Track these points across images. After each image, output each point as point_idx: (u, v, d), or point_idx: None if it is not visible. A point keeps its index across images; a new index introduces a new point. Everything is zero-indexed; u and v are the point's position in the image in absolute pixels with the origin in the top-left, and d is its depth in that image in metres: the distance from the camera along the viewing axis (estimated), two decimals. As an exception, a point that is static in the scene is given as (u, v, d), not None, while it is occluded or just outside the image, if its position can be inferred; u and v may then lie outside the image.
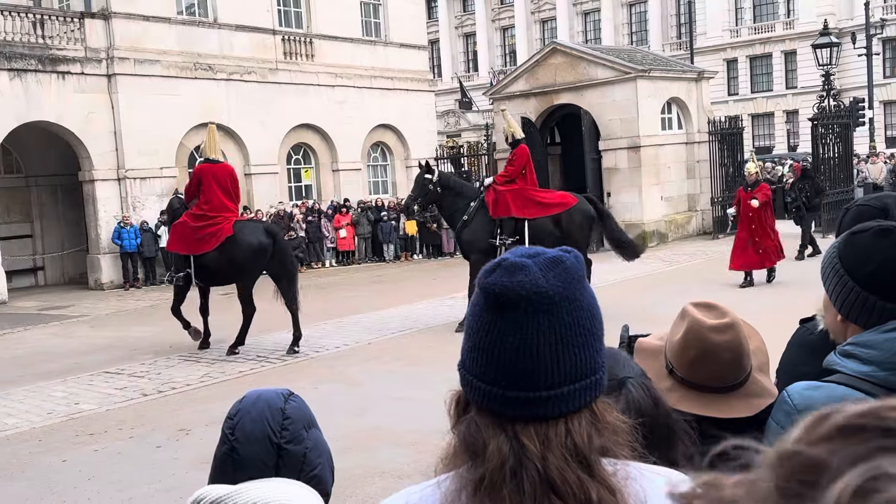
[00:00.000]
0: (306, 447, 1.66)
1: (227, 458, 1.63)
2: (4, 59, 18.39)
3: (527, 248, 1.11)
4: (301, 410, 1.71)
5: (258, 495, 1.52)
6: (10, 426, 8.20)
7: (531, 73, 22.95)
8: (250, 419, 1.65)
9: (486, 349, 1.06)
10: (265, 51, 23.23)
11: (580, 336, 1.07)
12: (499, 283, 1.05)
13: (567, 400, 1.06)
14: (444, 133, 36.67)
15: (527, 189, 11.58)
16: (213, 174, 10.47)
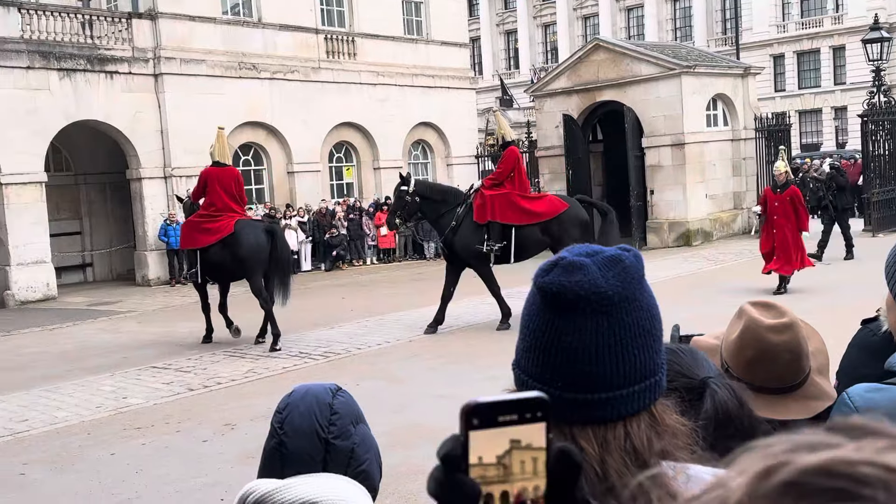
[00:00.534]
0: (354, 442, 1.66)
1: (276, 452, 1.64)
2: (54, 59, 18.81)
3: (585, 247, 1.08)
4: (349, 406, 1.71)
5: (306, 490, 1.52)
6: (60, 419, 8.38)
7: (573, 70, 22.79)
8: (298, 414, 1.65)
9: (542, 349, 1.04)
10: (308, 50, 23.42)
11: (640, 337, 1.05)
12: (556, 283, 1.03)
13: (626, 402, 1.04)
14: (484, 131, 36.61)
15: (513, 194, 11.26)
16: (217, 177, 10.97)
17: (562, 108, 22.82)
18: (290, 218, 21.60)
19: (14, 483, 6.58)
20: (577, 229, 11.27)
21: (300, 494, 1.51)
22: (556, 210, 11.22)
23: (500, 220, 11.16)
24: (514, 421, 0.69)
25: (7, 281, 18.07)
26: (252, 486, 1.55)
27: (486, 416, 0.69)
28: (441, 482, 0.68)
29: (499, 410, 0.69)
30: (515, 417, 0.69)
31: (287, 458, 1.62)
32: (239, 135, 22.10)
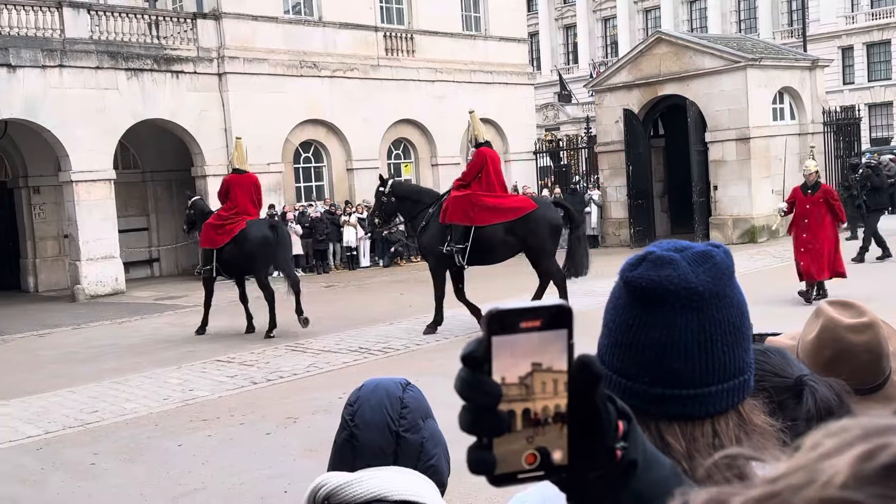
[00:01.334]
0: (423, 437, 1.66)
1: (347, 445, 1.65)
2: (122, 59, 19.33)
3: (673, 242, 1.07)
4: (418, 401, 1.71)
5: (377, 484, 1.53)
6: (129, 411, 8.61)
7: (634, 64, 22.47)
8: (369, 407, 1.66)
9: (628, 345, 1.02)
10: (367, 48, 23.60)
11: (730, 335, 1.03)
12: (645, 277, 1.01)
13: (714, 400, 1.02)
14: (542, 126, 36.39)
15: (477, 194, 11.02)
16: (238, 183, 12.07)
17: (622, 102, 22.53)
18: (349, 215, 21.81)
19: (86, 472, 6.80)
20: (545, 231, 10.96)
21: (371, 488, 1.52)
22: (526, 209, 10.95)
23: (460, 222, 11.01)
24: (537, 328, 0.70)
25: (77, 275, 18.66)
26: (323, 478, 1.56)
27: (509, 322, 0.69)
28: (465, 380, 0.69)
29: (521, 316, 0.70)
30: (538, 324, 0.70)
31: (358, 451, 1.63)
32: (299, 133, 22.41)
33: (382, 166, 24.21)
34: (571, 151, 28.13)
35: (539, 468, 0.71)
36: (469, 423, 0.70)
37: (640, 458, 0.76)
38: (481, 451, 0.70)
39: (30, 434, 7.94)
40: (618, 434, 0.74)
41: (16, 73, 17.73)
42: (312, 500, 1.55)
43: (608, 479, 0.74)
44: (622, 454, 0.74)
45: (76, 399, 9.23)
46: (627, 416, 0.76)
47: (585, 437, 0.72)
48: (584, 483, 0.74)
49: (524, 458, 0.70)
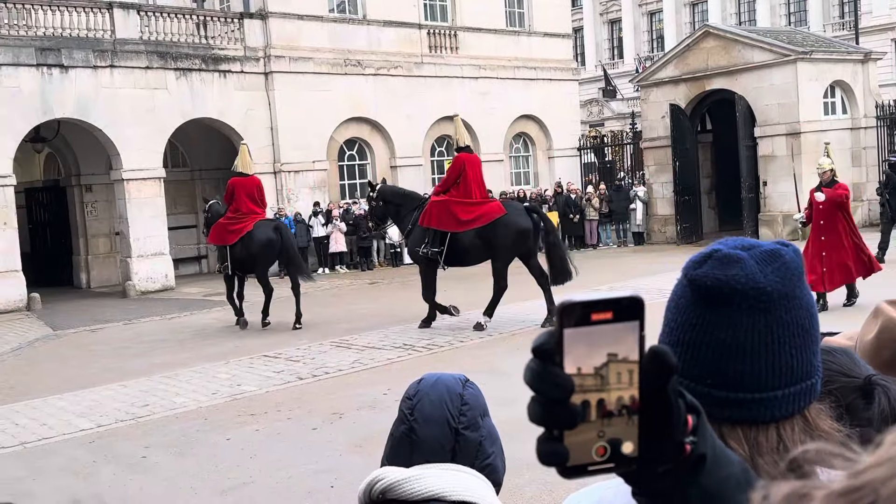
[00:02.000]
0: (482, 435, 1.64)
1: (405, 439, 1.63)
2: (171, 59, 19.66)
3: (740, 240, 1.04)
4: (477, 398, 1.70)
5: (436, 483, 1.52)
6: (179, 405, 8.76)
7: (681, 59, 22.18)
8: (429, 401, 1.64)
9: (691, 344, 1.00)
10: (411, 45, 23.66)
11: (798, 337, 1.00)
12: (710, 276, 0.98)
13: (780, 404, 0.99)
14: (587, 122, 36.10)
15: (451, 202, 11.38)
16: (242, 186, 12.80)
17: (668, 97, 22.25)
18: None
19: (137, 465, 6.93)
20: (512, 236, 11.22)
21: (429, 487, 1.51)
22: (493, 215, 11.26)
23: (436, 227, 11.41)
24: (609, 320, 0.70)
25: (129, 272, 19.04)
26: (380, 473, 1.56)
27: (581, 315, 0.70)
28: (536, 372, 0.69)
29: (593, 309, 0.70)
30: (610, 316, 0.70)
31: (416, 446, 1.61)
32: (344, 130, 22.56)
33: (426, 163, 24.27)
34: (616, 147, 27.87)
35: (609, 460, 0.71)
36: (539, 415, 0.69)
37: (709, 454, 0.75)
38: (552, 443, 0.70)
39: (83, 427, 8.12)
40: (687, 428, 0.73)
41: (68, 73, 18.15)
42: (368, 494, 1.55)
43: (676, 474, 0.74)
44: (691, 449, 0.73)
45: (128, 393, 9.43)
46: (697, 410, 0.75)
47: (655, 431, 0.72)
48: (652, 477, 0.74)
49: (595, 450, 0.70)
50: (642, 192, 23.42)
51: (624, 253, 21.97)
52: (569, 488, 1.43)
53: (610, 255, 21.36)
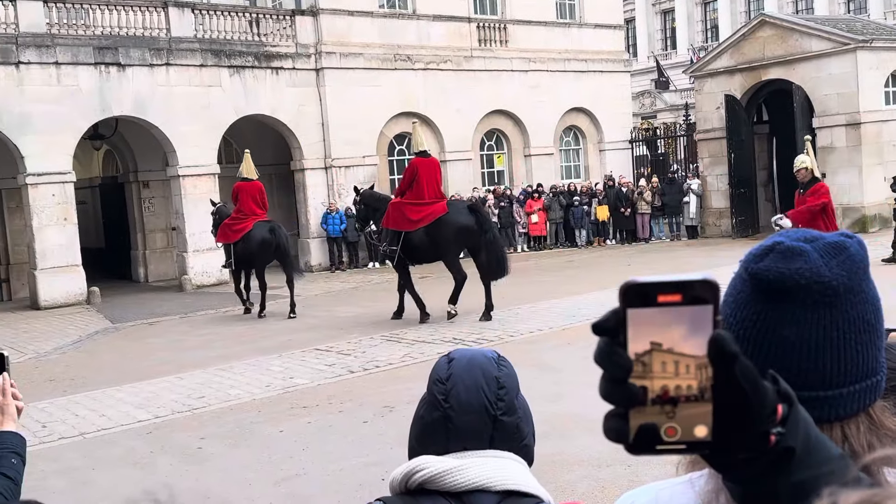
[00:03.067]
0: (519, 417, 1.59)
1: (440, 426, 1.56)
2: (225, 57, 19.96)
3: (803, 231, 1.00)
4: (512, 377, 1.63)
5: (480, 473, 1.49)
6: (233, 397, 8.90)
7: (736, 48, 21.72)
8: (465, 388, 1.56)
9: (750, 341, 0.96)
10: (460, 39, 23.62)
11: (864, 333, 0.95)
12: (773, 270, 0.94)
13: (845, 402, 0.95)
14: (639, 115, 35.62)
15: (404, 204, 12.26)
16: (245, 189, 13.86)
17: (723, 88, 21.82)
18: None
19: (193, 456, 7.06)
20: (454, 232, 12.01)
21: (473, 478, 1.48)
22: (436, 215, 12.02)
23: (392, 228, 12.36)
24: (678, 302, 0.68)
25: (185, 266, 19.43)
26: (420, 463, 1.51)
27: (645, 296, 0.69)
28: (600, 349, 0.70)
29: (659, 290, 0.68)
30: (678, 299, 0.68)
31: (453, 433, 1.55)
32: (393, 125, 22.65)
33: (475, 158, 24.23)
34: (669, 140, 27.45)
35: (679, 441, 0.70)
36: (604, 392, 0.70)
37: (800, 447, 0.72)
38: (616, 420, 0.70)
39: (140, 418, 8.31)
40: (775, 417, 0.71)
41: (125, 71, 18.56)
42: (405, 483, 1.51)
43: (762, 464, 0.71)
44: (777, 439, 0.71)
45: (184, 385, 9.61)
46: (790, 399, 0.72)
47: (731, 417, 0.70)
48: (733, 464, 0.72)
49: (664, 431, 0.69)
50: (696, 184, 23.03)
51: (677, 247, 21.64)
52: (622, 486, 1.41)
53: (663, 250, 21.06)
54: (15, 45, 17.21)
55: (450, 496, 1.48)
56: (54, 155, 17.59)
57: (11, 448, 2.00)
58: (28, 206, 17.59)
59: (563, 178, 25.70)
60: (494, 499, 1.48)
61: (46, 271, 17.52)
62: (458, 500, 1.47)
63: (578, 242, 23.42)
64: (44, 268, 17.51)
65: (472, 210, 12.31)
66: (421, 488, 1.49)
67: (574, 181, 25.24)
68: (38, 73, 17.48)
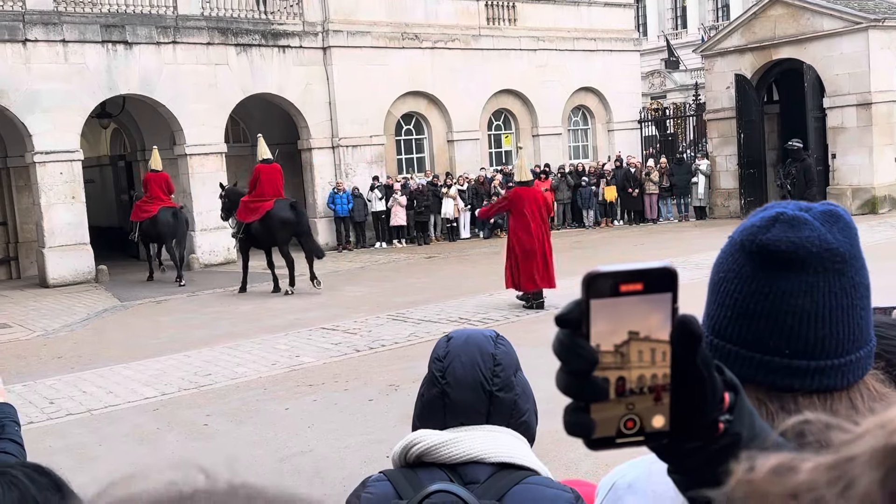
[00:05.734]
0: (516, 394, 1.61)
1: (438, 402, 1.60)
2: (232, 35, 19.87)
3: (790, 203, 0.99)
4: (510, 355, 1.66)
5: (474, 446, 1.51)
6: (240, 375, 8.95)
7: (747, 27, 21.52)
8: (461, 364, 1.60)
9: (763, 315, 0.94)
10: (469, 17, 23.45)
11: (866, 298, 0.96)
12: (784, 240, 0.93)
13: (854, 368, 0.95)
14: (648, 95, 35.39)
15: (248, 201, 14.49)
16: (266, 172, 14.56)
17: (733, 67, 21.64)
18: (448, 186, 21.86)
19: (199, 432, 7.11)
20: (277, 224, 14.07)
21: (467, 450, 1.51)
22: (265, 210, 14.12)
23: (240, 219, 14.63)
24: (639, 291, 0.67)
25: (192, 245, 19.46)
26: (416, 436, 1.55)
27: (608, 285, 0.67)
28: (562, 342, 0.68)
29: (621, 279, 0.67)
30: (640, 287, 0.67)
31: (450, 409, 1.58)
32: (401, 105, 22.55)
33: (483, 137, 24.13)
34: (678, 120, 27.28)
35: (638, 433, 0.69)
36: (565, 386, 0.68)
37: (746, 433, 0.72)
38: (578, 414, 0.68)
39: (147, 395, 8.36)
40: (723, 406, 0.71)
41: (132, 49, 18.50)
42: (404, 457, 1.55)
43: (709, 452, 0.71)
44: (725, 427, 0.71)
45: (191, 363, 9.66)
46: (735, 387, 0.72)
47: (686, 405, 0.69)
48: (682, 453, 0.71)
49: (623, 423, 0.68)
50: (705, 165, 22.90)
51: (685, 228, 21.56)
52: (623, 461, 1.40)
53: (671, 230, 21.00)
54: (22, 23, 17.16)
55: (446, 468, 1.49)
56: (62, 133, 17.59)
57: (10, 416, 2.09)
58: (36, 185, 17.62)
59: (572, 158, 25.59)
60: (488, 470, 1.50)
61: (55, 249, 17.58)
62: (454, 472, 1.49)
63: (586, 223, 23.36)
64: (52, 246, 17.57)
65: (292, 207, 14.33)
66: (419, 461, 1.52)
67: (582, 161, 25.13)
68: (45, 51, 17.44)
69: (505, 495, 1.46)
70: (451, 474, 1.49)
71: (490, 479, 1.49)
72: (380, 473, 1.58)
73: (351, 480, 5.27)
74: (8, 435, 2.02)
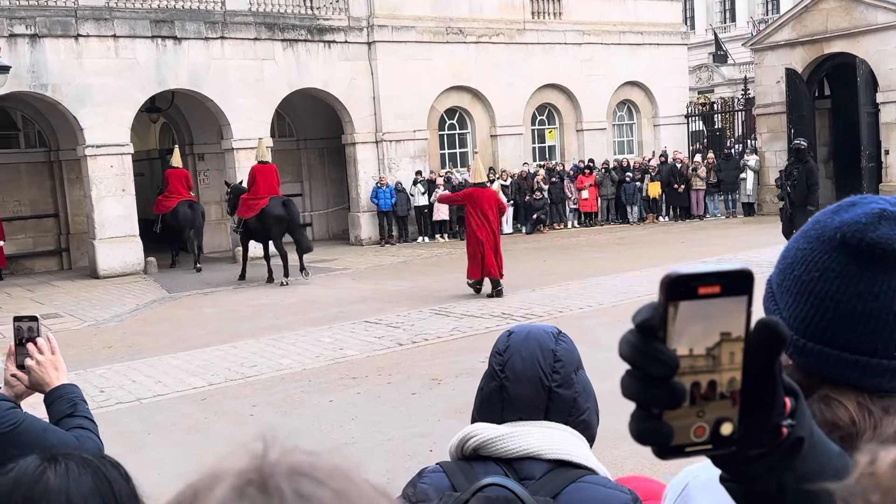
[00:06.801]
0: (576, 391, 1.60)
1: (496, 395, 1.59)
2: (278, 31, 20.06)
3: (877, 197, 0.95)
4: (571, 352, 1.64)
5: (531, 441, 1.50)
6: (285, 367, 9.05)
7: (798, 20, 21.07)
8: (521, 358, 1.59)
9: (871, 316, 0.90)
10: (513, 11, 23.34)
11: None
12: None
13: None
14: (695, 89, 34.87)
15: (246, 199, 15.68)
16: (261, 172, 15.50)
17: (784, 61, 21.21)
18: (491, 181, 21.80)
19: (246, 422, 7.20)
20: (271, 220, 15.05)
21: (524, 445, 1.49)
22: (260, 207, 15.15)
23: (239, 215, 15.88)
24: (716, 294, 0.65)
25: (238, 239, 19.68)
26: (473, 429, 1.55)
27: (687, 288, 0.65)
28: (637, 348, 0.65)
29: (700, 282, 0.65)
30: (717, 290, 0.65)
31: (508, 402, 1.58)
32: (444, 99, 22.55)
33: (526, 132, 24.02)
34: (726, 114, 26.85)
35: (708, 441, 0.67)
36: (638, 392, 0.66)
37: (807, 438, 0.71)
38: (653, 422, 0.66)
39: (195, 385, 8.50)
40: (784, 411, 0.70)
41: (181, 45, 18.78)
42: (461, 449, 1.55)
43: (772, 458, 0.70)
44: (788, 432, 0.70)
45: (237, 354, 9.80)
46: (794, 392, 0.71)
47: (756, 412, 0.68)
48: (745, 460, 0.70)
49: (693, 431, 0.67)
50: (753, 160, 22.51)
51: (733, 224, 21.23)
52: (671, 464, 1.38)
53: (718, 227, 20.70)
54: (74, 18, 17.53)
55: (502, 462, 1.49)
56: (113, 127, 17.94)
57: (79, 395, 2.17)
58: (87, 177, 18.00)
59: (616, 153, 25.35)
60: (545, 467, 1.48)
61: (105, 241, 17.95)
62: (509, 467, 1.48)
63: (630, 219, 23.14)
64: (102, 238, 17.95)
65: (284, 204, 15.27)
66: (476, 454, 1.51)
67: (627, 156, 24.88)
68: (96, 46, 17.79)
69: (560, 493, 1.45)
70: (506, 469, 1.48)
71: (546, 475, 1.47)
72: (436, 465, 1.58)
73: (394, 473, 5.29)
74: (81, 412, 2.11)
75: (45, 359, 2.13)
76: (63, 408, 2.08)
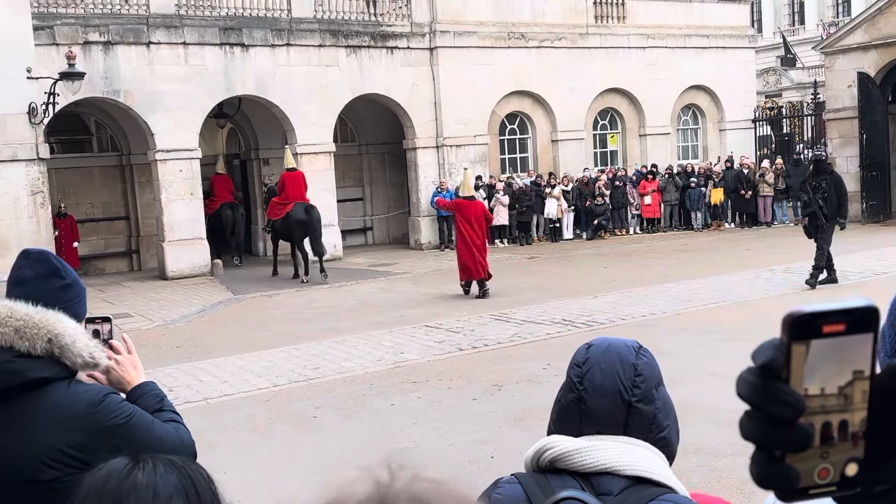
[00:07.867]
0: (656, 407, 1.57)
1: (574, 408, 1.57)
2: (342, 37, 20.32)
3: None
4: (652, 367, 1.61)
5: (607, 456, 1.48)
6: (347, 370, 9.15)
7: (871, 23, 20.45)
8: (600, 370, 1.57)
9: None
10: (576, 16, 23.20)
11: None
12: None
13: None
14: (762, 93, 34.12)
15: (275, 202, 17.08)
16: (291, 179, 16.78)
17: (856, 65, 20.61)
18: (552, 186, 21.69)
19: (309, 424, 7.32)
20: (294, 223, 16.30)
21: (601, 460, 1.47)
22: (286, 211, 16.39)
23: (268, 216, 17.40)
24: (841, 332, 0.63)
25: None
26: (551, 441, 1.53)
27: (812, 327, 0.63)
28: (760, 389, 0.63)
29: (826, 320, 0.63)
30: (842, 328, 0.63)
31: (586, 415, 1.55)
32: (505, 104, 22.52)
33: (588, 137, 23.82)
34: (795, 119, 26.20)
35: (832, 483, 0.65)
36: (760, 434, 0.64)
37: None
38: (777, 465, 0.64)
39: (260, 386, 8.66)
40: None
41: (248, 52, 19.18)
42: (536, 461, 1.54)
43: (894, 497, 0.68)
44: None
45: (300, 356, 9.95)
46: None
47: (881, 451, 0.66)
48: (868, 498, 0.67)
49: (817, 473, 0.65)
50: (822, 167, 21.87)
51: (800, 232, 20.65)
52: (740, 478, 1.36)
53: (784, 234, 20.18)
54: (146, 26, 18.06)
55: (578, 476, 1.47)
56: (182, 132, 18.41)
57: (163, 392, 2.27)
58: (157, 181, 18.51)
59: (680, 158, 24.95)
60: (622, 483, 1.47)
61: (174, 243, 18.42)
62: (586, 481, 1.47)
63: (694, 225, 22.73)
64: (171, 240, 18.42)
65: (306, 210, 16.34)
66: (552, 467, 1.50)
67: (691, 161, 24.46)
68: (167, 53, 18.29)
69: None
70: (583, 483, 1.46)
71: (623, 492, 1.45)
72: (511, 476, 1.57)
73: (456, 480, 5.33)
74: (168, 407, 2.21)
75: (124, 358, 2.21)
76: (151, 403, 2.17)
